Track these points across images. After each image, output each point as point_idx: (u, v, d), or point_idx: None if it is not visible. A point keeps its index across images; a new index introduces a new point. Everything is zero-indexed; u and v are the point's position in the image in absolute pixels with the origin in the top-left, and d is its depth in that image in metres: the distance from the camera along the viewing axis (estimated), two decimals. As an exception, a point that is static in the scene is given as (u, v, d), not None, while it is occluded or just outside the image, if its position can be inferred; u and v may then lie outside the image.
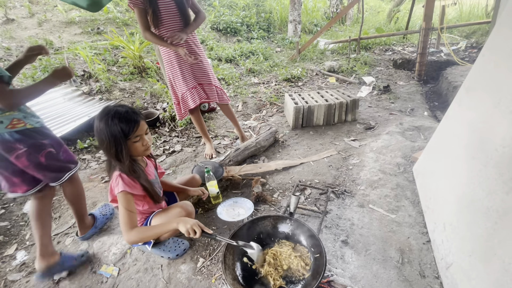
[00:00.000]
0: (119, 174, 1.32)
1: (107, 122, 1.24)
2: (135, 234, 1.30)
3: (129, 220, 1.30)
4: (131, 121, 1.27)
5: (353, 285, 1.34)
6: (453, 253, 1.29)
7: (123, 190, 1.30)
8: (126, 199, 1.31)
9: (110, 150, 1.28)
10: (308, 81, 4.65)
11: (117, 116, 1.25)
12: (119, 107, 1.29)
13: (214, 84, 2.43)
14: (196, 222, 1.25)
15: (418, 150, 2.34)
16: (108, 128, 1.24)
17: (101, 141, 1.28)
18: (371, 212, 1.79)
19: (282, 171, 2.36)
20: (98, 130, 1.27)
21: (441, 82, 4.35)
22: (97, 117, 1.28)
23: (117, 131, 1.24)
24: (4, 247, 1.85)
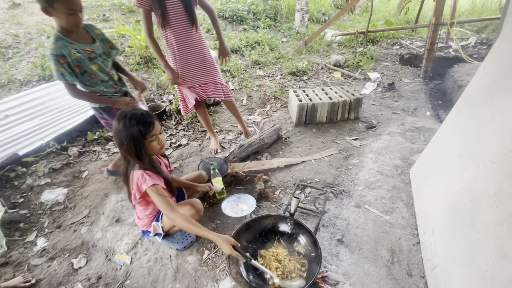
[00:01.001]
0: (143, 172, 1.43)
1: (125, 124, 1.35)
2: (181, 219, 1.41)
3: (169, 205, 1.43)
4: (147, 123, 1.39)
5: (345, 281, 1.47)
6: (439, 256, 1.40)
7: (154, 183, 1.41)
8: (157, 189, 1.43)
9: (130, 150, 1.39)
10: (313, 75, 4.66)
11: (134, 118, 1.37)
12: (135, 111, 1.40)
13: (219, 82, 2.48)
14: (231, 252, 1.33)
15: (417, 153, 2.41)
16: (126, 130, 1.36)
17: (121, 142, 1.39)
18: (367, 212, 1.89)
19: (284, 168, 2.46)
20: (118, 132, 1.38)
21: (447, 80, 4.33)
22: (115, 120, 1.39)
23: (136, 132, 1.36)
24: (25, 234, 2.01)
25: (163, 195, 1.44)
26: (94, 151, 2.88)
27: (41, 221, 2.11)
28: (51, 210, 2.19)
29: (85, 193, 2.34)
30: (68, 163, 2.66)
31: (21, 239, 1.96)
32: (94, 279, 1.66)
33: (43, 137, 2.70)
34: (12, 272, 1.74)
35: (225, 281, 1.55)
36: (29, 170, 2.49)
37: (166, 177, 1.54)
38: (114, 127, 1.38)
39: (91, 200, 2.26)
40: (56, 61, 1.63)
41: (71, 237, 1.96)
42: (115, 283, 1.63)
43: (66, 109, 3.23)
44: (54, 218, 2.14)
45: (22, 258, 1.83)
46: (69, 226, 2.05)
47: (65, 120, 3.04)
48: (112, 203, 2.19)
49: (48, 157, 2.67)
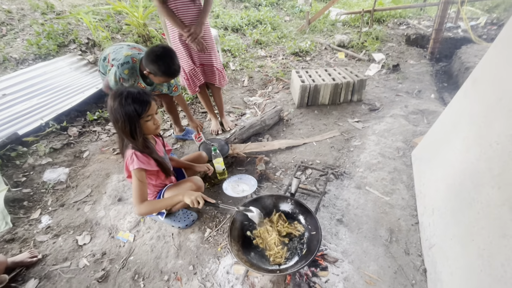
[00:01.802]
0: (133, 152, 1.42)
1: (121, 102, 1.32)
2: (145, 207, 1.44)
3: (140, 194, 1.44)
4: (143, 102, 1.36)
5: (344, 259, 1.50)
6: (437, 235, 1.42)
7: (138, 167, 1.41)
8: (140, 174, 1.43)
9: (124, 129, 1.37)
10: (317, 55, 4.53)
11: (131, 97, 1.33)
12: (131, 89, 1.37)
13: (216, 66, 2.44)
14: (199, 194, 1.40)
15: (419, 135, 2.39)
16: (122, 108, 1.33)
17: (116, 120, 1.36)
18: (367, 193, 1.91)
19: (285, 150, 2.45)
20: (113, 110, 1.35)
21: (454, 62, 4.21)
22: (110, 98, 1.36)
23: (131, 111, 1.34)
24: (29, 212, 2.04)
25: (141, 182, 1.43)
26: (94, 132, 2.86)
27: (44, 199, 2.14)
28: (54, 189, 2.21)
29: (86, 172, 2.35)
30: (69, 143, 2.65)
31: (26, 217, 1.99)
32: (98, 255, 1.70)
33: (42, 117, 2.68)
34: (19, 247, 1.79)
35: (227, 258, 1.59)
36: (30, 150, 2.49)
37: (158, 159, 1.52)
38: (109, 104, 1.35)
39: (93, 179, 2.28)
40: (117, 78, 1.88)
41: (74, 215, 2.00)
42: (119, 259, 1.67)
43: (64, 89, 3.17)
44: (57, 196, 2.16)
45: (28, 234, 1.87)
46: (72, 205, 2.08)
47: (63, 100, 3.00)
48: (113, 182, 2.21)
49: (48, 137, 2.66)
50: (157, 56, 1.76)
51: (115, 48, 2.01)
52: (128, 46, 2.01)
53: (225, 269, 1.53)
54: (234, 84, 3.79)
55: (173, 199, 1.47)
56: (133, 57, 1.90)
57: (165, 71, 1.80)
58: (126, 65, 1.87)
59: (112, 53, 1.96)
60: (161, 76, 1.84)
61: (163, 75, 1.82)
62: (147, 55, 1.80)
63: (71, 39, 4.00)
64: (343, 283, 1.40)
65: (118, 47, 2.01)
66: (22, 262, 1.66)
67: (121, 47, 2.01)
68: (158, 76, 1.85)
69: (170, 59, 1.79)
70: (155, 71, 1.81)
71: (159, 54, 1.76)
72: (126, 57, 1.88)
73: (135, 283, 1.54)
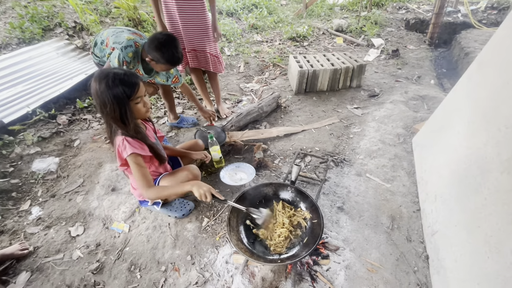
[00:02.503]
0: (124, 138, 1.34)
1: (107, 84, 1.22)
2: (153, 192, 1.38)
3: (145, 179, 1.37)
4: (132, 83, 1.27)
5: (345, 247, 1.48)
6: (439, 222, 1.39)
7: (133, 152, 1.33)
8: (136, 159, 1.35)
9: (114, 113, 1.27)
10: (314, 41, 4.41)
11: (118, 78, 1.23)
12: (117, 70, 1.27)
13: (209, 52, 2.35)
14: (209, 189, 1.33)
15: (420, 121, 2.35)
16: (110, 91, 1.22)
17: (103, 104, 1.25)
18: (368, 181, 1.87)
19: (283, 137, 2.39)
20: (99, 93, 1.23)
21: (453, 47, 4.15)
22: (95, 80, 1.24)
23: (120, 93, 1.23)
24: (18, 203, 1.96)
25: (141, 166, 1.36)
26: (85, 120, 2.75)
27: (34, 190, 2.05)
28: (44, 180, 2.13)
29: (77, 162, 2.26)
30: (58, 131, 2.54)
31: (15, 208, 1.91)
32: (93, 246, 1.65)
33: (29, 105, 2.55)
34: (9, 240, 1.72)
35: (225, 247, 1.55)
36: (16, 139, 2.38)
37: (151, 144, 1.44)
38: (94, 87, 1.24)
39: (84, 169, 2.19)
40: (121, 61, 1.79)
41: (66, 206, 1.92)
42: (115, 250, 1.62)
43: (51, 75, 3.02)
44: (47, 187, 2.08)
45: (18, 226, 1.80)
46: (63, 195, 2.00)
47: (51, 87, 2.86)
48: (106, 172, 2.13)
49: (36, 125, 2.54)
50: (160, 43, 1.72)
51: (114, 31, 1.91)
52: (129, 31, 1.93)
53: (224, 258, 1.49)
54: (230, 70, 3.67)
55: (181, 187, 1.40)
56: (135, 41, 1.83)
57: (169, 59, 1.77)
58: (129, 48, 1.80)
59: (111, 37, 1.87)
60: (163, 64, 1.80)
61: (166, 62, 1.78)
62: (151, 41, 1.75)
63: (56, 23, 3.79)
64: (344, 271, 1.37)
65: (117, 30, 1.92)
66: (12, 255, 1.59)
67: (121, 30, 1.92)
68: (161, 64, 1.80)
69: (174, 47, 1.75)
70: (157, 58, 1.76)
71: (163, 41, 1.73)
72: (128, 40, 1.80)
73: (132, 274, 1.50)
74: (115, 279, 1.48)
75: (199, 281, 1.42)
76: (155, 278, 1.46)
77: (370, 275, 1.35)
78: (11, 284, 1.49)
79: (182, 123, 2.62)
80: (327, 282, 1.33)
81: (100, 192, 1.98)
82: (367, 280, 1.33)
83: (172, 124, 2.62)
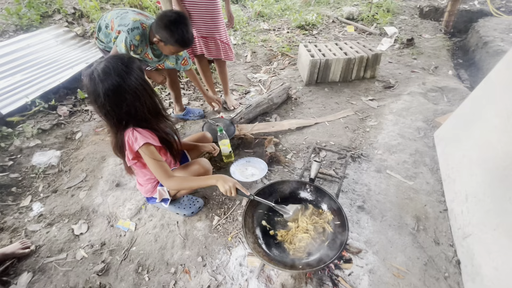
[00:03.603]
0: (133, 129, 1.22)
1: (131, 70, 1.11)
2: (176, 182, 1.28)
3: (163, 170, 1.26)
4: (138, 65, 1.17)
5: (368, 249, 1.38)
6: (473, 224, 1.28)
7: (145, 142, 1.21)
8: (150, 151, 1.23)
9: (146, 101, 1.17)
10: (324, 29, 4.22)
11: (135, 65, 1.14)
12: (112, 58, 1.12)
13: (220, 39, 2.21)
14: (234, 183, 1.23)
15: (441, 114, 2.22)
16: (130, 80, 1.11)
17: (135, 94, 1.12)
18: (388, 178, 1.76)
19: (295, 131, 2.27)
20: (127, 81, 1.09)
21: (470, 36, 3.95)
22: (117, 69, 1.08)
23: (140, 79, 1.14)
24: (18, 198, 1.86)
25: (155, 156, 1.24)
26: (87, 111, 2.63)
27: (34, 185, 1.95)
28: (45, 174, 2.03)
29: (80, 155, 2.16)
30: (59, 123, 2.43)
31: (15, 204, 1.82)
32: (97, 246, 1.56)
33: (27, 95, 2.43)
34: (9, 238, 1.63)
35: (238, 248, 1.46)
36: (15, 131, 2.27)
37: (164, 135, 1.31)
38: (112, 83, 1.07)
39: (87, 163, 2.09)
40: (128, 45, 1.66)
41: (69, 202, 1.83)
42: (120, 250, 1.53)
43: (50, 64, 2.88)
44: (48, 182, 1.98)
45: (18, 223, 1.71)
46: (66, 191, 1.91)
47: (50, 76, 2.73)
48: (110, 166, 2.02)
49: (36, 117, 2.43)
50: (170, 21, 1.57)
51: (118, 13, 1.77)
52: (133, 11, 1.78)
53: (237, 260, 1.40)
54: (237, 60, 3.51)
55: (204, 181, 1.29)
56: (142, 22, 1.68)
57: (178, 39, 1.61)
58: (136, 31, 1.66)
59: (116, 19, 1.73)
60: (172, 45, 1.65)
61: (176, 43, 1.63)
62: (159, 19, 1.60)
63: (55, 9, 3.62)
64: (368, 276, 1.27)
65: (121, 11, 1.78)
66: (13, 254, 1.51)
67: (125, 11, 1.77)
68: (169, 45, 1.65)
69: (185, 26, 1.60)
70: (166, 38, 1.61)
71: (173, 20, 1.57)
72: (134, 22, 1.65)
73: (139, 276, 1.41)
74: (122, 281, 1.39)
75: (211, 284, 1.33)
76: (164, 281, 1.37)
77: (396, 281, 1.25)
78: (12, 285, 1.41)
79: (188, 115, 2.49)
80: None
81: (104, 187, 1.88)
82: (393, 287, 1.24)
83: (178, 116, 2.49)
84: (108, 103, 1.10)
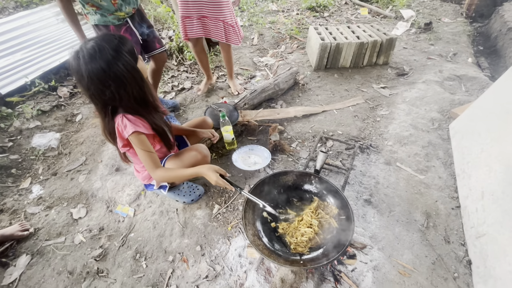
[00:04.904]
0: (123, 115, 1.15)
1: (119, 56, 1.01)
2: (162, 173, 1.24)
3: (151, 160, 1.22)
4: (132, 48, 1.09)
5: (373, 245, 1.31)
6: (488, 223, 1.20)
7: (135, 131, 1.14)
8: (140, 140, 1.17)
9: (132, 91, 1.08)
10: (336, 11, 3.99)
11: (126, 49, 1.05)
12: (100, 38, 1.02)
13: (223, 20, 2.02)
14: (218, 177, 1.19)
15: (458, 105, 2.08)
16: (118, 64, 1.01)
17: (120, 82, 1.03)
18: (398, 171, 1.67)
19: (301, 118, 2.17)
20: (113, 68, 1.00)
21: (493, 21, 3.68)
22: (104, 53, 0.99)
23: (130, 62, 1.04)
24: (18, 180, 1.85)
25: (145, 146, 1.19)
26: (87, 93, 2.56)
27: (34, 167, 1.93)
28: (45, 156, 2.00)
29: (80, 138, 2.11)
30: (59, 104, 2.38)
31: (15, 186, 1.81)
32: (95, 231, 1.54)
33: (27, 75, 2.36)
34: (8, 219, 1.62)
35: (238, 238, 1.42)
36: (15, 112, 2.23)
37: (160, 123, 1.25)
38: (97, 67, 0.98)
39: (87, 146, 2.05)
40: None
41: (68, 185, 1.80)
42: (119, 236, 1.51)
43: (51, 43, 2.80)
44: (48, 164, 1.95)
45: (18, 205, 1.70)
46: (65, 174, 1.88)
47: (50, 56, 2.66)
48: (110, 150, 1.98)
49: (35, 98, 2.38)
50: None
51: None
52: None
53: (236, 251, 1.36)
54: (243, 42, 3.36)
55: (192, 171, 1.25)
56: None
57: None
58: None
59: None
60: None
61: None
62: None
63: (56, -15, 3.48)
64: (372, 273, 1.22)
65: None
66: (12, 236, 1.50)
67: None
68: None
69: None
70: None
71: None
72: None
73: (137, 263, 1.39)
74: (119, 268, 1.37)
75: (209, 274, 1.29)
76: (162, 269, 1.35)
77: (402, 279, 1.20)
78: (11, 266, 1.41)
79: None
80: (352, 284, 1.19)
81: (103, 171, 1.85)
82: (398, 285, 1.18)
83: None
84: (92, 87, 1.02)
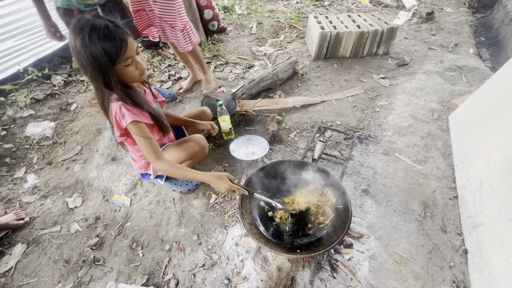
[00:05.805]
0: (122, 104, 1.12)
1: (83, 40, 0.92)
2: (166, 168, 1.20)
3: (153, 149, 1.18)
4: (115, 39, 0.95)
5: (370, 235, 1.31)
6: (485, 213, 1.20)
7: (133, 120, 1.11)
8: (139, 128, 1.14)
9: (97, 78, 1.00)
10: (336, 0, 3.91)
11: (96, 33, 0.92)
12: (96, 20, 0.95)
13: (170, 24, 1.84)
14: (230, 186, 1.13)
15: (458, 95, 2.06)
16: (87, 50, 0.93)
17: (83, 68, 0.99)
18: (397, 161, 1.66)
19: (300, 108, 2.14)
20: (76, 52, 0.95)
21: (496, 12, 3.62)
22: (71, 32, 0.95)
23: (99, 54, 0.94)
24: (13, 169, 1.82)
25: (146, 137, 1.15)
26: (82, 81, 2.51)
27: (29, 156, 1.91)
28: (39, 145, 1.97)
29: (75, 127, 2.08)
30: (53, 93, 2.33)
31: (9, 175, 1.79)
32: (91, 220, 1.53)
33: (19, 62, 2.31)
34: (3, 208, 1.61)
35: (235, 228, 1.41)
36: (8, 100, 2.19)
37: (153, 112, 1.21)
38: (70, 42, 0.96)
39: (82, 135, 2.02)
40: None
41: (63, 174, 1.78)
42: (115, 225, 1.50)
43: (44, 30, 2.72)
44: (43, 153, 1.93)
45: (13, 194, 1.68)
46: (60, 163, 1.86)
47: (44, 43, 2.59)
48: (106, 139, 1.95)
49: (29, 86, 2.33)
50: None
51: None
52: None
53: (233, 240, 1.35)
54: (241, 31, 3.30)
55: (197, 175, 1.19)
56: None
57: None
58: None
59: None
60: None
61: None
62: None
63: (48, -30, 3.37)
64: (368, 262, 1.22)
65: None
66: (7, 224, 1.49)
67: None
68: None
69: None
70: None
71: None
72: None
73: (133, 252, 1.38)
74: (116, 256, 1.37)
75: (206, 263, 1.29)
76: (159, 258, 1.35)
77: (398, 268, 1.20)
78: (7, 255, 1.40)
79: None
80: (348, 273, 1.19)
81: (99, 161, 1.83)
82: (394, 274, 1.19)
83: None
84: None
